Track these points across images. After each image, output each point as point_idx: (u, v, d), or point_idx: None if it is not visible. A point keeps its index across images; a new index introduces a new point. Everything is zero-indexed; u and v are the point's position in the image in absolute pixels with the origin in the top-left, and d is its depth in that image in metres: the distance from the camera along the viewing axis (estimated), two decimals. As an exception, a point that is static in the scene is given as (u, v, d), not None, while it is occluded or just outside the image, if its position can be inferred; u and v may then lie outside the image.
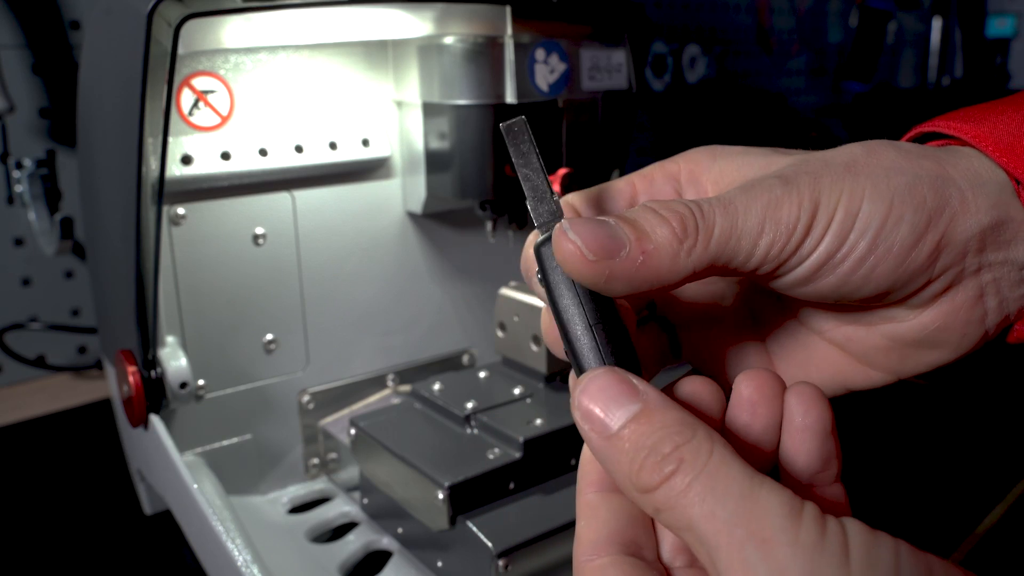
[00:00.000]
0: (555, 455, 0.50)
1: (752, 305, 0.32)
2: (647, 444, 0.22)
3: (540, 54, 0.54)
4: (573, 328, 0.24)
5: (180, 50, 0.44)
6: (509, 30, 0.53)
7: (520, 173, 0.26)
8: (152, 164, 0.47)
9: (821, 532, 0.20)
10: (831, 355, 0.30)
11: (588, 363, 0.24)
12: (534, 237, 0.26)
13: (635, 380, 0.23)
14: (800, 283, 0.26)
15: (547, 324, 0.27)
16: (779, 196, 0.25)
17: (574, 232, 0.23)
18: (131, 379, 0.51)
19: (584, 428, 0.23)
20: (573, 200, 0.29)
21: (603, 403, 0.23)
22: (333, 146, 0.57)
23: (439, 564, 0.49)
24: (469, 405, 0.53)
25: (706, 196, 0.27)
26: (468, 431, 0.52)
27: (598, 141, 0.61)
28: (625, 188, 0.30)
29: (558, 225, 0.24)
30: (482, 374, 0.58)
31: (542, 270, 0.25)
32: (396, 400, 0.62)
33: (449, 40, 0.53)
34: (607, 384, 0.23)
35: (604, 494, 0.25)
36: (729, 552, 0.20)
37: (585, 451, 0.25)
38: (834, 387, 0.30)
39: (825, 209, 0.25)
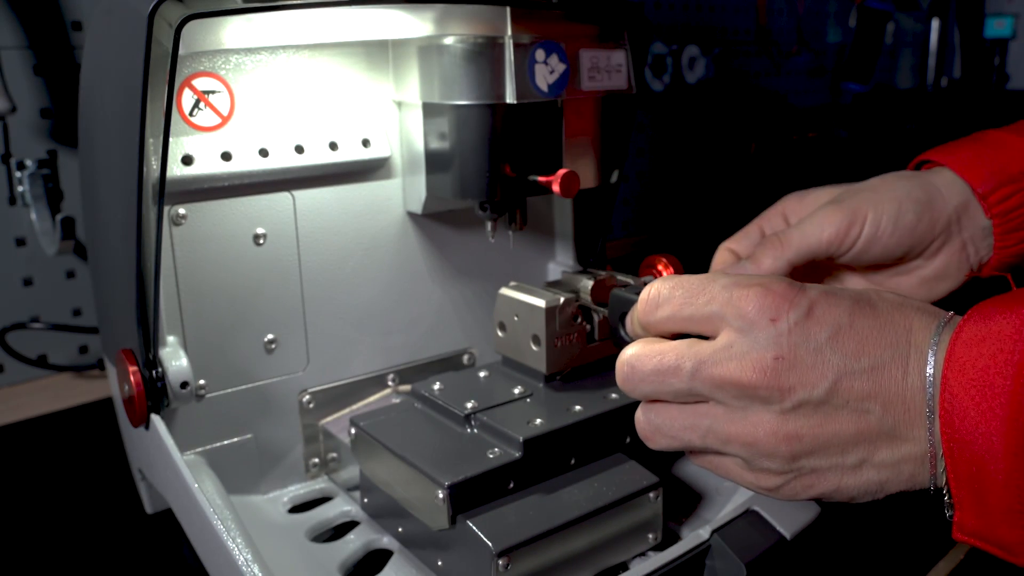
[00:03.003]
0: (555, 455, 0.51)
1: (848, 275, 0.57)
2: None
3: (540, 54, 0.55)
4: None
5: (181, 50, 0.44)
6: (509, 30, 0.53)
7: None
8: (153, 164, 0.47)
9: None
10: None
11: None
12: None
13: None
14: (860, 256, 0.51)
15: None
16: (830, 212, 0.51)
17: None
18: (132, 379, 0.51)
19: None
20: (731, 244, 0.56)
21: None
22: (333, 146, 0.57)
23: (439, 563, 0.49)
24: (469, 405, 0.53)
25: (800, 222, 0.53)
26: (468, 431, 0.52)
27: (598, 141, 0.61)
28: (754, 229, 0.57)
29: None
30: (482, 374, 0.58)
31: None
32: (396, 400, 0.62)
33: (449, 40, 0.53)
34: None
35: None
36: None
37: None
38: None
39: (860, 214, 0.50)
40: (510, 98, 0.54)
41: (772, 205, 0.57)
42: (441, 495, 0.46)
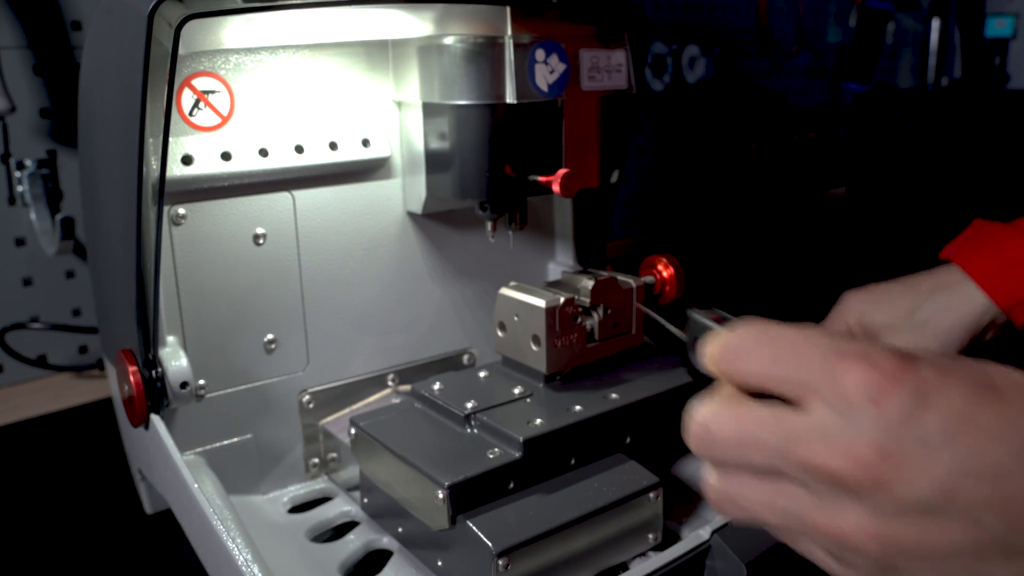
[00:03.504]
0: (555, 455, 0.51)
1: None
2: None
3: (540, 54, 0.55)
4: None
5: (181, 50, 0.44)
6: (509, 30, 0.53)
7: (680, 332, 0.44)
8: (153, 164, 0.47)
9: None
10: None
11: None
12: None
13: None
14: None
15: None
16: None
17: None
18: (132, 379, 0.51)
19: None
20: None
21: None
22: (333, 146, 0.57)
23: (439, 563, 0.49)
24: (469, 405, 0.53)
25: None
26: (468, 431, 0.52)
27: (598, 141, 0.61)
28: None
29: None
30: (482, 374, 0.58)
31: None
32: (396, 400, 0.62)
33: (449, 40, 0.53)
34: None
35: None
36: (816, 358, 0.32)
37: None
38: None
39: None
40: (510, 98, 0.54)
41: (836, 309, 0.64)
42: (441, 495, 0.46)
